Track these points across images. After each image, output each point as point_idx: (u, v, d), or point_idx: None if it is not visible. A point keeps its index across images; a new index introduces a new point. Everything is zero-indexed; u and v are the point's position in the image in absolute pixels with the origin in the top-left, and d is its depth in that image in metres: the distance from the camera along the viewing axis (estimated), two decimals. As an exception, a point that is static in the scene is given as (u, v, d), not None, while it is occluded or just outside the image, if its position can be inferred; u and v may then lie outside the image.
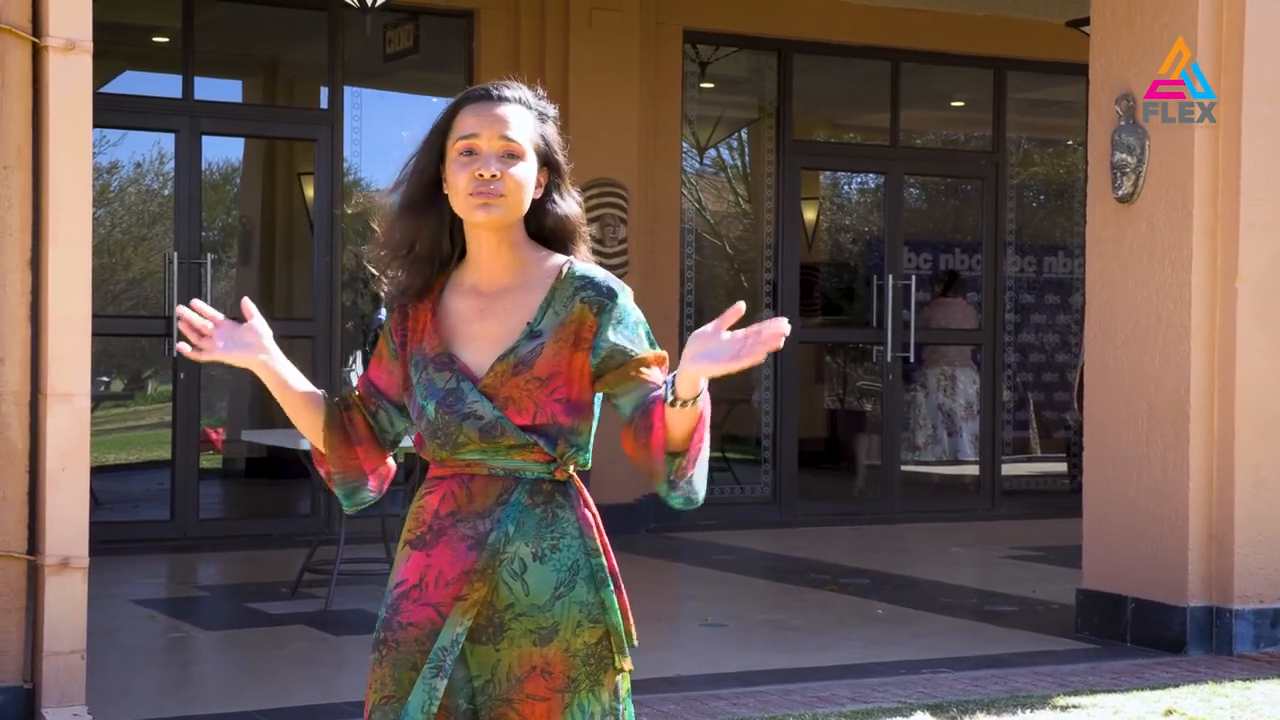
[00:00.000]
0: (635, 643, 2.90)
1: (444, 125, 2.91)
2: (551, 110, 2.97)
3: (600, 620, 2.84)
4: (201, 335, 2.90)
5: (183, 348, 2.91)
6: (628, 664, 2.88)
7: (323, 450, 3.00)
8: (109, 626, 7.42)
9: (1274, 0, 7.39)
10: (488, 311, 2.89)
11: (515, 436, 2.83)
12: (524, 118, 2.90)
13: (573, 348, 2.85)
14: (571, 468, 2.87)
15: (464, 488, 2.86)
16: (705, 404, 2.75)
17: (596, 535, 2.88)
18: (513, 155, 2.86)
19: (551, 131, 2.94)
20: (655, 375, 2.86)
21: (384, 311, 3.01)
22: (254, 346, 2.94)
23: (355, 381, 3.09)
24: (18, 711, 5.64)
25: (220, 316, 2.93)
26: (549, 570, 2.82)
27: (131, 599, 8.45)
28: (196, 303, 2.94)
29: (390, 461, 3.07)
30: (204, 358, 2.91)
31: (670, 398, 2.72)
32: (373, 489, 3.04)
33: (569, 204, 2.95)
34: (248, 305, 2.98)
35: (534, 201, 2.92)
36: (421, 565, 2.85)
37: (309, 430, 3.00)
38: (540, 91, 2.97)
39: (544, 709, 2.82)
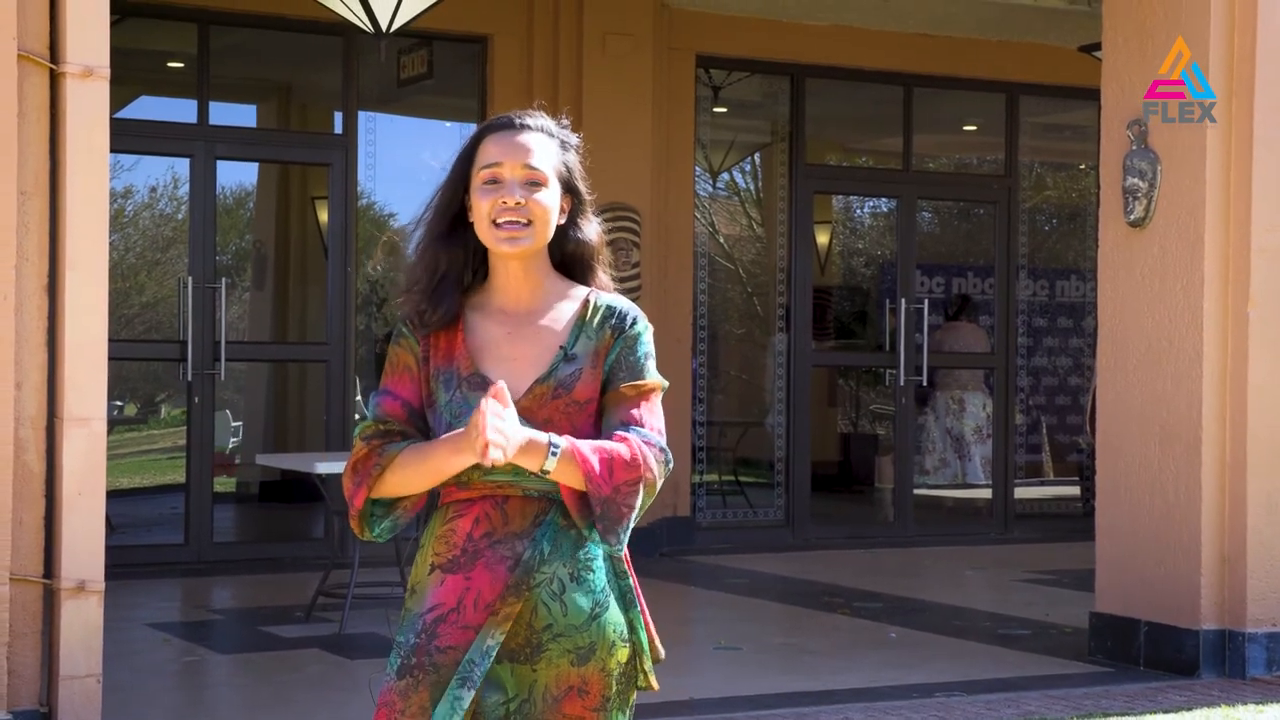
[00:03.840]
0: (661, 657, 2.97)
1: (468, 155, 2.96)
2: (574, 139, 3.02)
3: (629, 640, 2.90)
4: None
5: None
6: (655, 682, 2.95)
7: (414, 496, 2.96)
8: (124, 650, 7.44)
9: (1285, 25, 7.42)
10: (517, 335, 2.93)
11: None
12: (546, 146, 2.95)
13: (600, 372, 2.92)
14: None
15: (498, 510, 2.88)
16: (565, 468, 2.81)
17: (623, 556, 2.94)
18: (536, 183, 2.91)
19: (574, 159, 2.99)
20: (637, 412, 2.91)
21: (402, 326, 3.00)
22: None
23: (380, 408, 2.97)
24: (33, 735, 5.66)
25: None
26: (585, 591, 2.87)
27: (146, 623, 8.47)
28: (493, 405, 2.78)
29: None
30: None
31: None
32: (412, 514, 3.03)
33: (590, 230, 3.02)
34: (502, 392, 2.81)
35: (558, 227, 2.97)
36: (460, 589, 2.86)
37: (417, 489, 2.95)
38: (564, 120, 3.02)
39: None
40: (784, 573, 10.73)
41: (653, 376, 2.96)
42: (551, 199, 2.93)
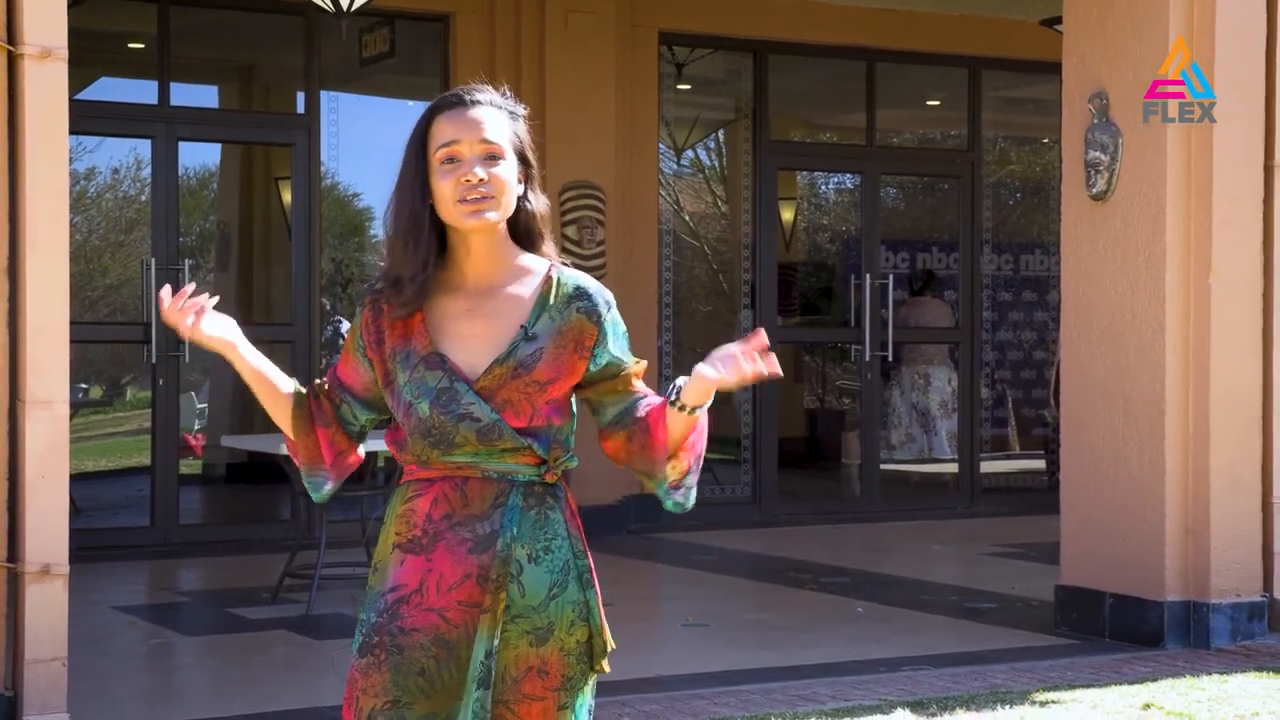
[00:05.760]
0: (612, 645, 2.95)
1: (421, 136, 2.93)
2: (521, 109, 3.00)
3: (586, 620, 2.89)
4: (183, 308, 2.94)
5: (165, 298, 2.96)
6: (606, 666, 2.93)
7: (291, 437, 3.04)
8: (90, 634, 7.42)
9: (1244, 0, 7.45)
10: (476, 311, 2.91)
11: (511, 439, 2.86)
12: (498, 118, 2.93)
13: (574, 355, 2.91)
14: (561, 470, 2.91)
15: (458, 491, 2.87)
16: (703, 415, 2.93)
17: (581, 537, 2.93)
18: (494, 156, 2.89)
19: (523, 129, 2.98)
20: (641, 385, 3.00)
21: (357, 306, 3.02)
22: (219, 329, 2.97)
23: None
24: (-1, 719, 5.64)
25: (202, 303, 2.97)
26: (543, 571, 2.86)
27: (113, 606, 8.44)
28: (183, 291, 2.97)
29: (359, 451, 3.09)
30: (186, 330, 2.95)
31: (676, 400, 2.87)
32: (331, 477, 3.05)
33: (540, 201, 3.00)
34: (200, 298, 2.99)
35: None
36: (421, 570, 2.85)
37: (280, 418, 3.04)
38: (507, 92, 3.00)
39: (540, 708, 2.86)
40: (751, 549, 10.76)
41: (635, 359, 3.02)
42: (510, 171, 2.91)
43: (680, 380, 2.90)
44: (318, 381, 3.06)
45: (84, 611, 7.52)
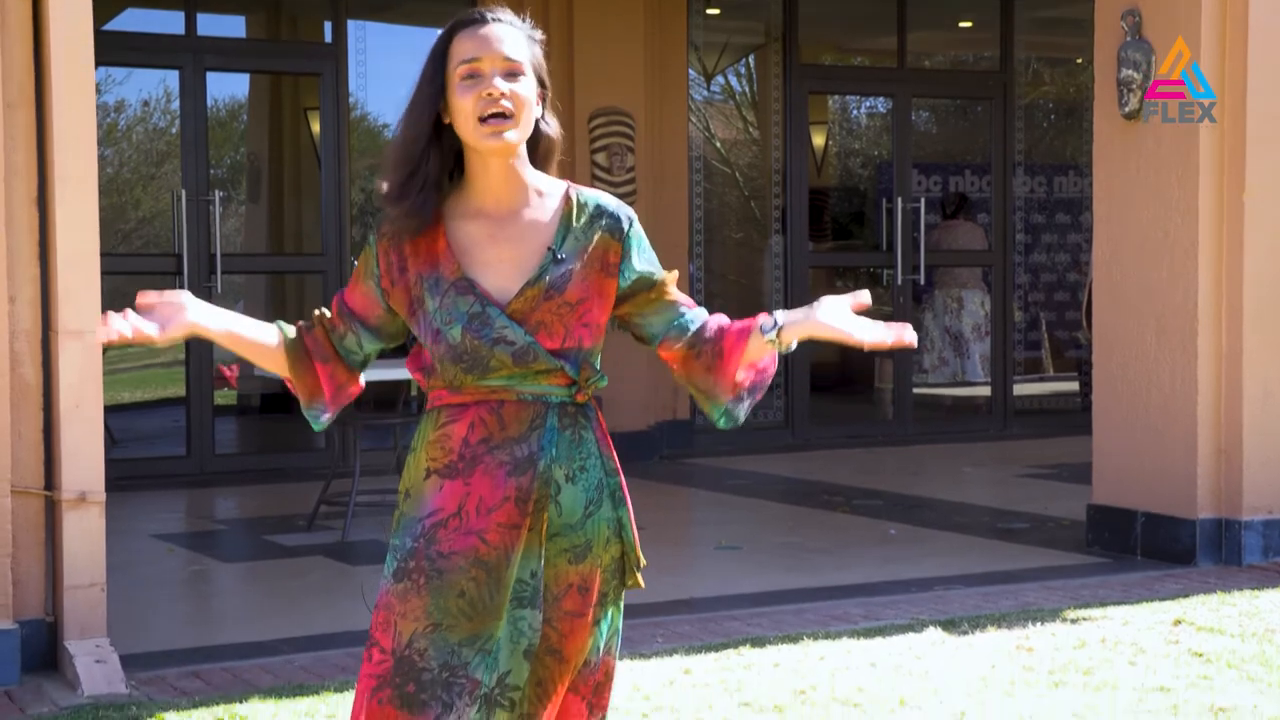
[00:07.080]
0: (643, 562, 2.99)
1: (440, 55, 2.92)
2: (538, 34, 2.99)
3: (620, 536, 2.93)
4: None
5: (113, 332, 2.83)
6: (641, 580, 2.97)
7: (290, 378, 3.04)
8: (129, 561, 7.49)
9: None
10: (500, 236, 2.91)
11: (546, 361, 2.86)
12: (518, 36, 2.93)
13: (600, 274, 2.91)
14: (592, 390, 2.92)
15: (494, 414, 2.88)
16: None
17: (613, 455, 2.95)
18: (515, 73, 2.89)
19: (539, 53, 2.97)
20: (677, 293, 3.01)
21: (371, 234, 3.01)
22: (177, 320, 2.89)
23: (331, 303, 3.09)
24: (41, 644, 5.71)
25: (157, 298, 2.88)
26: (580, 490, 2.88)
27: (150, 534, 8.52)
28: (142, 298, 2.88)
29: (360, 381, 3.09)
30: (158, 341, 2.89)
31: (770, 335, 2.87)
32: (330, 409, 3.06)
33: (553, 124, 2.99)
34: (146, 297, 2.88)
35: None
36: (460, 494, 2.86)
37: (274, 366, 3.03)
38: (525, 17, 2.99)
39: (580, 624, 2.90)
40: (784, 473, 10.79)
41: (665, 270, 3.03)
42: (530, 89, 2.90)
43: (780, 315, 2.88)
44: (318, 312, 3.04)
45: (122, 539, 7.60)
